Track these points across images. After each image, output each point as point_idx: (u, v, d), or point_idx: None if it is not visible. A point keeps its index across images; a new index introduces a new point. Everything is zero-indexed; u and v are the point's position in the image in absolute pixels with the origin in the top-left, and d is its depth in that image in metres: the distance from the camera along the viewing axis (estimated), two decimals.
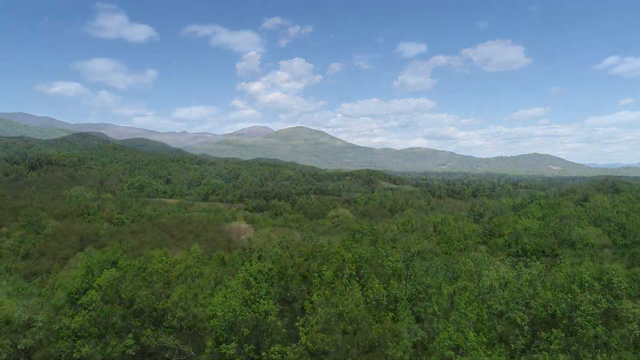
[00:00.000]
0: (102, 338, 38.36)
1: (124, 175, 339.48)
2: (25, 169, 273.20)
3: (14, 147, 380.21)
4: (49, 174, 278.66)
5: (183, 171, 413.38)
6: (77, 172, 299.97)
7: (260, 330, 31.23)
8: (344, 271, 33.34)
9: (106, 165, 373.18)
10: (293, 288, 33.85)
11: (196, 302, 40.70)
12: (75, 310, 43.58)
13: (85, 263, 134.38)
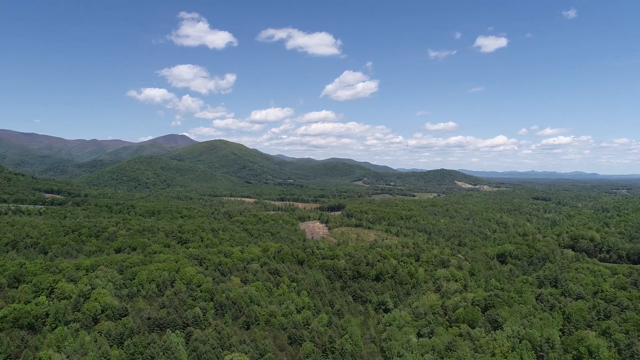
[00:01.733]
0: (185, 328, 40.44)
1: (205, 175, 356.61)
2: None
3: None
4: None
5: (259, 171, 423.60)
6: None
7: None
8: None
9: (194, 165, 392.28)
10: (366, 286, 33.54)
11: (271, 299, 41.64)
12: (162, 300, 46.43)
13: (173, 258, 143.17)
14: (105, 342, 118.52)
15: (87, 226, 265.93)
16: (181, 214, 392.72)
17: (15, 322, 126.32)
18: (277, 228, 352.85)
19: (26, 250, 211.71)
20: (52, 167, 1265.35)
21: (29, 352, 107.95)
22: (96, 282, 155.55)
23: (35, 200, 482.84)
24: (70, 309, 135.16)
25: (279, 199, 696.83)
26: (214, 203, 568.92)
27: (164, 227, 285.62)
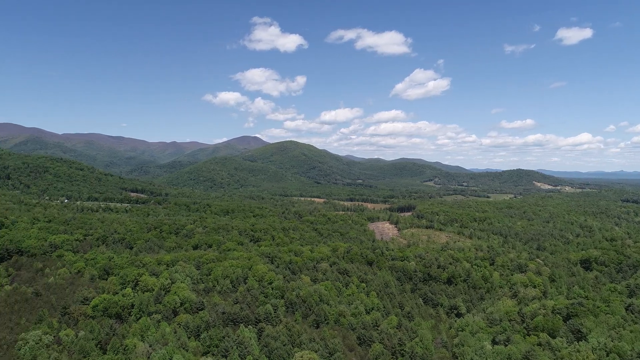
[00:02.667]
0: (257, 324, 41.82)
1: (276, 176, 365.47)
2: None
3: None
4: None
5: (328, 171, 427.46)
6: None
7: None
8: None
9: (265, 166, 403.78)
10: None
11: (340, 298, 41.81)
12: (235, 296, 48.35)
13: (246, 256, 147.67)
14: (184, 333, 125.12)
15: (167, 223, 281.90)
16: (253, 213, 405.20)
17: (105, 311, 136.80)
18: (346, 228, 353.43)
19: (114, 245, 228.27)
20: (137, 167, 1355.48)
21: (117, 340, 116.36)
22: (176, 276, 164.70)
23: (122, 198, 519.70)
24: (152, 301, 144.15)
25: (348, 199, 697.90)
26: (285, 203, 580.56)
27: (237, 225, 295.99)
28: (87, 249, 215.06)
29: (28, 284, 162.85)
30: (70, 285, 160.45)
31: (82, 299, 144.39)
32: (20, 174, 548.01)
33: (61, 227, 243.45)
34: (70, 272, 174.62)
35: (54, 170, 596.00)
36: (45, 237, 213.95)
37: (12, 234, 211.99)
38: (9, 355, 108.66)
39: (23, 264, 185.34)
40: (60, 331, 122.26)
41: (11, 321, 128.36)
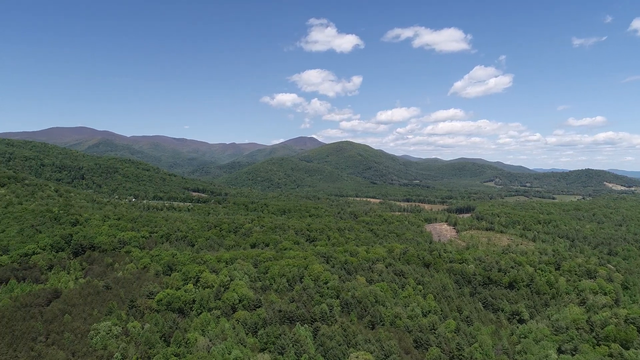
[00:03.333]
0: (313, 323, 42.21)
1: (332, 176, 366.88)
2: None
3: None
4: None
5: (384, 172, 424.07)
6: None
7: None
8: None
9: (321, 166, 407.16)
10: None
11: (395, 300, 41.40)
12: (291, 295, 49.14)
13: (302, 255, 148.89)
14: (242, 329, 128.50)
15: (226, 222, 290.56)
16: (309, 213, 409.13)
17: (168, 305, 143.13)
18: (402, 229, 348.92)
19: (177, 243, 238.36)
20: (198, 168, 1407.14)
21: (180, 333, 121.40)
22: (234, 274, 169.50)
23: (185, 198, 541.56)
24: (212, 297, 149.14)
25: (405, 200, 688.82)
26: (340, 203, 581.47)
27: (294, 225, 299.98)
28: (152, 245, 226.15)
29: (99, 277, 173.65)
30: (137, 280, 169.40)
31: (147, 293, 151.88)
32: (93, 175, 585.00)
33: (129, 224, 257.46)
34: (137, 268, 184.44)
35: (123, 170, 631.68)
36: (115, 234, 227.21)
37: (85, 230, 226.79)
38: (83, 343, 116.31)
39: (95, 259, 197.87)
40: (128, 323, 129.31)
41: (84, 312, 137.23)
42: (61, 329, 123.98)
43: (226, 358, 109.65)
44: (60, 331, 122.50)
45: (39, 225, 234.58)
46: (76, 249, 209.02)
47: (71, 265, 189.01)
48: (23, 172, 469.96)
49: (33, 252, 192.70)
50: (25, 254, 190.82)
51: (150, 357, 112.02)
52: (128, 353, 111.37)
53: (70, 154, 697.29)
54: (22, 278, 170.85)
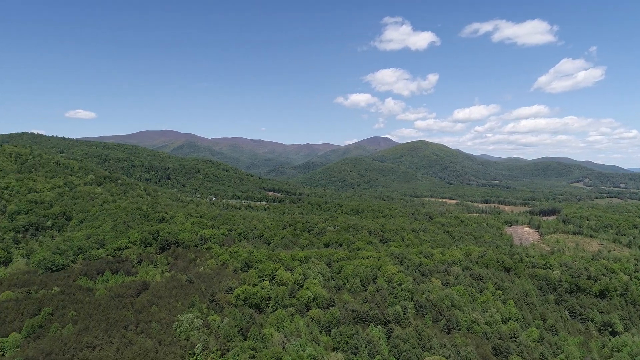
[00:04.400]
0: (386, 324, 41.92)
1: (406, 176, 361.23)
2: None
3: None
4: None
5: (461, 172, 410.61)
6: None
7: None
8: None
9: (395, 166, 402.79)
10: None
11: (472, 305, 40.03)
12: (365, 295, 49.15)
13: (375, 255, 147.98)
14: (316, 328, 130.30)
15: (301, 222, 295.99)
16: (383, 213, 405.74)
17: (245, 301, 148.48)
18: (480, 231, 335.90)
19: (254, 240, 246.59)
20: (274, 168, 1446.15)
21: (256, 328, 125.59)
22: (308, 272, 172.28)
23: (261, 197, 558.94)
24: (287, 295, 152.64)
25: (483, 201, 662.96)
26: (415, 204, 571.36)
27: (367, 225, 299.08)
28: (231, 243, 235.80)
29: (183, 272, 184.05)
30: (216, 275, 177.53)
31: (226, 288, 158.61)
32: (177, 175, 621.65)
33: (210, 222, 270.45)
34: (217, 264, 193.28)
35: (204, 171, 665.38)
36: (197, 231, 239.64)
37: (170, 227, 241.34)
38: (168, 333, 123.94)
39: (179, 254, 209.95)
40: (208, 316, 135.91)
41: (169, 304, 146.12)
42: (149, 318, 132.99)
43: (300, 355, 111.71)
44: (148, 321, 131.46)
45: (130, 221, 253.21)
46: (162, 244, 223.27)
47: (158, 260, 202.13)
48: (117, 172, 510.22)
49: (125, 247, 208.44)
50: (118, 248, 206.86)
51: (229, 349, 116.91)
52: (208, 345, 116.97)
53: (157, 155, 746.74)
54: (116, 270, 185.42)
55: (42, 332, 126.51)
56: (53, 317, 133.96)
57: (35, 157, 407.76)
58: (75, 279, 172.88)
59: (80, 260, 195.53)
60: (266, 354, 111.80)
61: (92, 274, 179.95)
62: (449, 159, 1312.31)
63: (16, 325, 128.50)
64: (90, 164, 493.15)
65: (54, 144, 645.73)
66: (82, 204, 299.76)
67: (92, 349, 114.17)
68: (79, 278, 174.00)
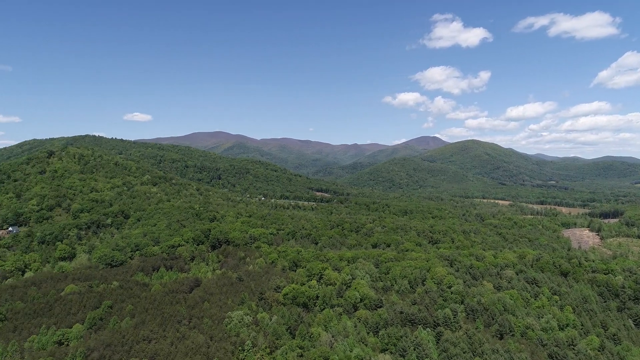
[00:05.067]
0: (435, 327, 41.18)
1: (456, 176, 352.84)
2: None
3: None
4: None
5: (514, 172, 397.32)
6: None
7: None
8: None
9: (445, 166, 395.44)
10: None
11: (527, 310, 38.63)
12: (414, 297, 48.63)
13: (424, 257, 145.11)
14: (363, 328, 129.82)
15: (348, 222, 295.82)
16: (432, 214, 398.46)
17: (294, 299, 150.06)
18: (535, 234, 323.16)
19: (302, 240, 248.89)
20: (322, 169, 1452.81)
21: (304, 327, 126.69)
22: (356, 273, 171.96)
23: (309, 197, 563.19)
24: (334, 295, 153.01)
25: (538, 202, 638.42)
26: (465, 204, 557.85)
27: (416, 226, 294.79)
28: (279, 242, 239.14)
29: (233, 269, 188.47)
30: (265, 274, 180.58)
31: (275, 286, 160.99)
32: (228, 175, 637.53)
33: (259, 221, 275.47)
34: (266, 262, 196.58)
35: (254, 171, 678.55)
36: (246, 230, 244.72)
37: (221, 226, 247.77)
38: (219, 329, 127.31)
39: (230, 252, 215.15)
40: (257, 313, 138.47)
41: (220, 300, 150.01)
42: (201, 314, 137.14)
43: (348, 355, 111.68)
44: (200, 316, 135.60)
45: (183, 220, 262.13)
46: (214, 242, 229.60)
47: (209, 258, 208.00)
48: (171, 172, 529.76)
49: (178, 244, 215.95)
50: (172, 245, 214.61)
51: (278, 347, 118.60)
52: (258, 342, 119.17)
53: (209, 156, 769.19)
54: (170, 267, 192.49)
55: (103, 324, 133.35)
56: (112, 310, 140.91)
57: (97, 158, 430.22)
58: (133, 275, 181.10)
59: (137, 257, 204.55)
60: (314, 353, 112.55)
61: (148, 270, 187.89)
62: (502, 158, 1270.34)
63: (79, 317, 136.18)
64: (146, 164, 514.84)
65: (114, 145, 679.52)
66: (139, 203, 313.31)
67: (148, 342, 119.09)
68: (136, 274, 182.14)
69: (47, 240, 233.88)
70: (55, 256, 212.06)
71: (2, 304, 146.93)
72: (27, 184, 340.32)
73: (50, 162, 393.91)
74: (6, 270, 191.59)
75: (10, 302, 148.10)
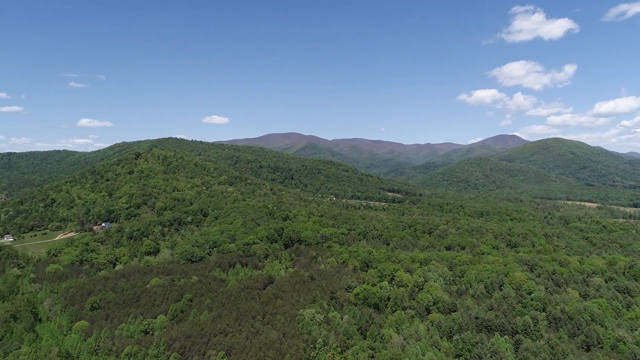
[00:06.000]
0: (514, 335, 39.22)
1: (537, 177, 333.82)
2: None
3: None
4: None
5: (603, 172, 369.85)
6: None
7: None
8: None
9: (525, 166, 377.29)
10: None
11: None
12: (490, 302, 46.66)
13: (502, 261, 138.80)
14: (436, 332, 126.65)
15: (421, 223, 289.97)
16: (510, 216, 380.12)
17: (365, 300, 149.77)
18: (628, 239, 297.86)
19: (373, 240, 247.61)
20: (393, 169, 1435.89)
21: (375, 328, 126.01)
22: (429, 275, 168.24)
23: (380, 197, 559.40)
24: (406, 297, 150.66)
25: (631, 205, 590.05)
26: (547, 206, 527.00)
27: (492, 228, 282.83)
28: (350, 242, 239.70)
29: (305, 268, 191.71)
30: (337, 273, 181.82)
31: (346, 286, 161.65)
32: (300, 175, 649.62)
33: (330, 221, 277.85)
34: (337, 262, 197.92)
35: (325, 171, 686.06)
36: (318, 229, 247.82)
37: (294, 225, 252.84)
38: (291, 326, 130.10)
39: (302, 251, 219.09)
40: (329, 312, 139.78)
41: (292, 298, 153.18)
42: (274, 311, 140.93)
43: (420, 359, 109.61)
44: (273, 313, 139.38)
45: (257, 219, 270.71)
46: (286, 241, 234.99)
47: (282, 256, 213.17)
48: (246, 172, 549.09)
49: (253, 242, 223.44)
50: (247, 243, 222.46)
51: (349, 347, 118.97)
52: (329, 340, 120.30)
53: (282, 157, 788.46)
54: (245, 264, 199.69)
55: (183, 316, 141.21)
56: (192, 303, 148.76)
57: (178, 159, 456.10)
58: (211, 270, 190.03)
59: (215, 253, 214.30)
60: (385, 354, 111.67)
61: (225, 266, 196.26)
62: (589, 157, 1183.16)
63: (162, 309, 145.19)
64: (223, 165, 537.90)
65: (193, 147, 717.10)
66: (217, 202, 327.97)
67: (224, 335, 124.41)
68: (214, 269, 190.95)
69: (135, 235, 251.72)
70: (141, 251, 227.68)
71: (96, 293, 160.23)
72: (118, 184, 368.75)
73: (137, 163, 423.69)
74: (100, 262, 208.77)
75: (103, 292, 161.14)
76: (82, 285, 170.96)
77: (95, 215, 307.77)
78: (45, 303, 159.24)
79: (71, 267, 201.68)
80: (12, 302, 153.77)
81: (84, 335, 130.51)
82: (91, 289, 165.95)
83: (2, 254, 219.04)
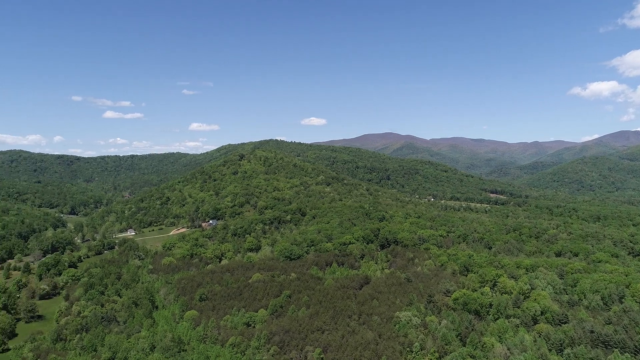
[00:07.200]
0: (637, 354, 35.47)
1: None
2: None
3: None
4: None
5: None
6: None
7: None
8: None
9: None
10: None
11: None
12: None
13: (622, 270, 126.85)
14: (544, 344, 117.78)
15: (527, 226, 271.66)
16: (633, 221, 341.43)
17: (464, 305, 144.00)
18: None
19: (473, 244, 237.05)
20: (496, 169, 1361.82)
21: (475, 336, 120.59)
22: (536, 282, 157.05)
23: (482, 199, 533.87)
24: (510, 304, 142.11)
25: None
26: None
27: (611, 234, 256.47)
28: (449, 244, 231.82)
29: (401, 270, 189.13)
30: (434, 277, 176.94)
31: (444, 290, 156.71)
32: (397, 175, 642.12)
33: (428, 223, 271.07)
34: (435, 265, 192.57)
35: (423, 172, 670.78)
36: (415, 230, 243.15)
37: (390, 226, 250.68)
38: (387, 328, 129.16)
39: (398, 253, 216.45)
40: (426, 316, 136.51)
41: (389, 299, 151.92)
42: (370, 311, 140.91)
43: None
44: (369, 313, 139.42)
45: (354, 219, 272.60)
46: (382, 242, 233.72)
47: (378, 257, 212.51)
48: (342, 173, 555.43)
49: (349, 242, 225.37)
50: (344, 243, 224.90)
51: (447, 353, 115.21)
52: (426, 344, 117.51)
53: (378, 157, 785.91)
54: (341, 263, 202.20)
55: (283, 311, 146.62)
56: (291, 299, 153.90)
57: (279, 160, 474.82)
58: (308, 268, 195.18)
59: (312, 252, 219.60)
60: None
61: (322, 264, 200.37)
62: None
63: (263, 303, 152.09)
64: (320, 165, 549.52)
65: (292, 148, 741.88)
66: (314, 202, 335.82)
67: (321, 333, 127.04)
68: (311, 267, 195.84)
69: (239, 232, 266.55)
70: (244, 247, 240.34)
71: (204, 285, 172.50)
72: (223, 183, 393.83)
73: (241, 164, 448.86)
74: (207, 257, 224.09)
75: (210, 285, 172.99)
76: (192, 277, 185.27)
77: (204, 213, 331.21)
78: (161, 292, 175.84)
79: (183, 260, 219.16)
80: (134, 290, 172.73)
81: (193, 323, 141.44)
82: (200, 281, 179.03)
83: (127, 246, 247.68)
